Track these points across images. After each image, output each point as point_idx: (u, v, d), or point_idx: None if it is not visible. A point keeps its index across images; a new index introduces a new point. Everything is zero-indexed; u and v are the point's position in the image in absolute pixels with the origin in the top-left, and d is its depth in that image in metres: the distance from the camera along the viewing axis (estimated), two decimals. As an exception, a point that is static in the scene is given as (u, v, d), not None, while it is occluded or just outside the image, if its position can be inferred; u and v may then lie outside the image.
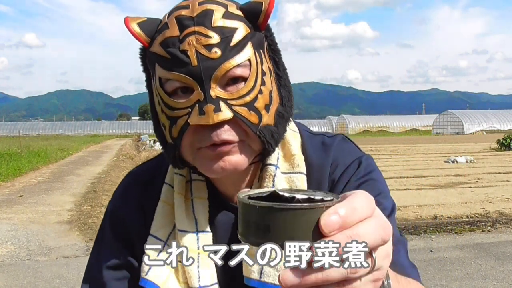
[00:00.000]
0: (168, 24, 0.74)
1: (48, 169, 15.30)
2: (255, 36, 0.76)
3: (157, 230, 0.84)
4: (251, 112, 0.74)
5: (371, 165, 0.87)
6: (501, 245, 5.51)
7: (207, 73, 0.71)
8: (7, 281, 4.59)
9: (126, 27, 0.75)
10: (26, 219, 7.33)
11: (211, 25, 0.71)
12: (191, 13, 0.73)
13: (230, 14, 0.74)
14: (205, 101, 0.71)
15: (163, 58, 0.73)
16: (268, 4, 0.74)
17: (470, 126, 55.51)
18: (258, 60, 0.75)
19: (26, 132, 60.82)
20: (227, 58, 0.71)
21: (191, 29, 0.72)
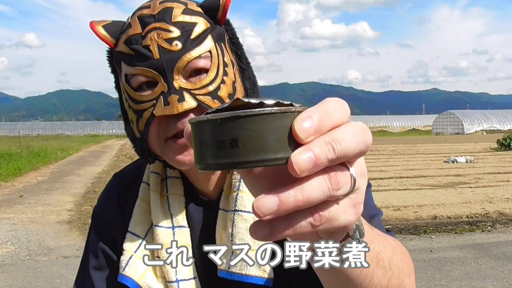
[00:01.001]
0: (131, 24, 0.78)
1: (48, 169, 15.30)
2: (215, 29, 0.79)
3: (135, 227, 0.85)
4: (215, 100, 0.76)
5: None
6: (501, 245, 5.51)
7: (169, 65, 0.74)
8: (7, 281, 4.59)
9: (92, 30, 0.79)
10: (26, 219, 7.33)
11: (171, 21, 0.75)
12: (152, 11, 0.76)
13: (189, 11, 0.78)
14: (169, 92, 0.74)
15: (127, 55, 0.77)
16: (225, 1, 0.78)
17: (470, 126, 55.50)
18: (219, 52, 0.78)
19: (26, 132, 60.79)
20: (188, 50, 0.75)
21: (152, 26, 0.75)
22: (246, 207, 0.80)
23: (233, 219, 0.80)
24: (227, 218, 0.82)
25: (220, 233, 0.82)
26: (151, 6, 0.78)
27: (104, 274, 0.89)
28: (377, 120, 72.98)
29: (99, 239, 0.91)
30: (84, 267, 0.92)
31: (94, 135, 58.89)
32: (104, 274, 0.89)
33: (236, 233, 0.79)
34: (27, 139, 33.27)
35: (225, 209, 0.83)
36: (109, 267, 0.89)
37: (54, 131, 66.05)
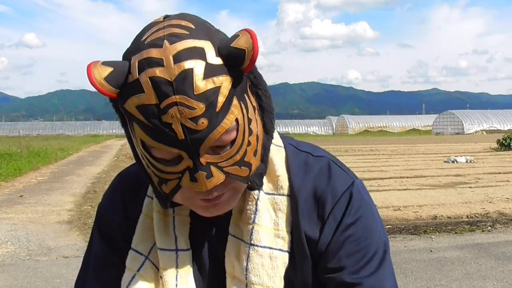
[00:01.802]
0: (142, 86, 0.66)
1: (48, 169, 15.30)
2: (238, 84, 0.70)
3: (138, 244, 0.83)
4: (242, 167, 0.73)
5: (362, 197, 0.83)
6: (501, 245, 5.51)
7: (196, 144, 0.67)
8: (7, 281, 4.59)
9: (90, 81, 0.67)
10: (26, 219, 7.33)
11: (194, 93, 0.65)
12: (167, 75, 0.65)
13: (210, 69, 0.66)
14: (196, 169, 0.69)
15: (143, 124, 0.67)
16: (252, 50, 0.67)
17: (470, 126, 55.50)
18: (244, 112, 0.71)
19: (26, 132, 60.79)
20: (215, 126, 0.67)
21: (172, 99, 0.65)
22: (262, 241, 0.79)
23: (248, 253, 0.79)
24: (240, 248, 0.80)
25: (231, 262, 0.80)
26: (164, 63, 0.65)
27: (105, 275, 0.88)
28: (377, 120, 72.96)
29: (101, 240, 0.89)
30: (85, 268, 0.91)
31: (94, 135, 58.90)
32: (105, 276, 0.88)
33: (251, 268, 0.78)
34: (27, 139, 33.27)
35: (237, 236, 0.81)
36: (110, 269, 0.88)
37: (54, 131, 66.07)
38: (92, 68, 0.67)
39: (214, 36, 0.70)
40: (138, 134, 0.69)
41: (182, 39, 0.67)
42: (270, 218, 0.80)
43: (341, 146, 27.32)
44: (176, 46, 0.66)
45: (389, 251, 0.84)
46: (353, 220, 0.81)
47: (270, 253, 0.79)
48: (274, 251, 0.79)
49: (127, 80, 0.67)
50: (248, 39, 0.67)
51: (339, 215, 0.81)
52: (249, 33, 0.68)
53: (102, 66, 0.67)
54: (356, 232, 0.80)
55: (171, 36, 0.67)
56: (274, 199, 0.81)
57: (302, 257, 0.81)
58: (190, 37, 0.67)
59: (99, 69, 0.67)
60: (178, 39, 0.67)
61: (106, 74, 0.67)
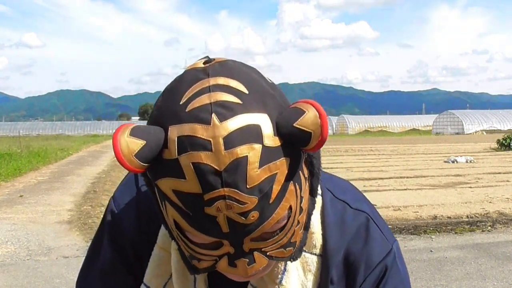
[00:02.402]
0: (183, 170, 0.55)
1: (48, 169, 15.30)
2: (296, 166, 0.60)
3: (150, 280, 0.77)
4: (287, 249, 0.64)
5: (397, 269, 0.79)
6: (501, 245, 5.51)
7: (241, 236, 0.59)
8: (7, 281, 4.59)
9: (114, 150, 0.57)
10: (26, 219, 7.33)
11: (247, 187, 0.55)
12: (216, 162, 0.54)
13: (267, 154, 0.56)
14: (237, 256, 0.61)
15: (180, 209, 0.58)
16: (321, 134, 0.57)
17: (470, 126, 55.50)
18: (298, 194, 0.62)
19: (26, 132, 60.78)
20: (266, 218, 0.58)
21: (219, 192, 0.55)
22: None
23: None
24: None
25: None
26: (212, 147, 0.55)
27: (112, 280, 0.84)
28: (377, 120, 72.97)
29: (111, 246, 0.83)
30: (91, 268, 0.86)
31: (94, 135, 58.86)
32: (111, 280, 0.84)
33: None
34: (27, 139, 33.26)
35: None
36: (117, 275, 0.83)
37: (54, 131, 66.05)
38: (119, 139, 0.57)
39: (271, 104, 0.59)
40: (172, 215, 0.60)
41: (234, 113, 0.56)
42: (298, 278, 0.75)
43: (341, 146, 27.31)
44: (227, 125, 0.55)
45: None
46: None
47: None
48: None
49: (163, 155, 0.57)
50: (316, 119, 0.57)
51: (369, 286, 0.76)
52: (316, 108, 0.58)
53: (132, 138, 0.57)
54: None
55: (220, 107, 0.56)
56: (305, 257, 0.75)
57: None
58: (244, 110, 0.56)
59: (129, 142, 0.57)
60: (229, 113, 0.56)
61: (137, 150, 0.56)
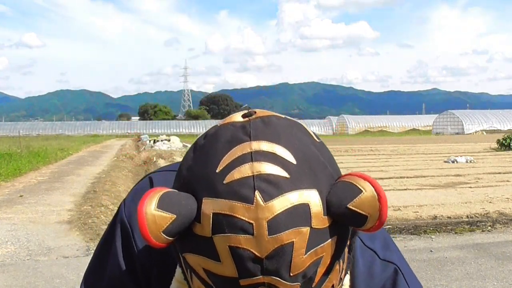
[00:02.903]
0: (217, 253, 0.49)
1: (48, 169, 15.30)
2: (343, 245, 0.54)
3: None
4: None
5: None
6: (501, 245, 5.51)
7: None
8: (7, 281, 4.58)
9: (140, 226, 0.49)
10: (26, 219, 7.32)
11: (290, 275, 0.49)
12: (257, 249, 0.48)
13: (315, 237, 0.49)
14: None
15: (210, 286, 0.52)
16: (379, 218, 0.50)
17: (470, 126, 55.52)
18: (341, 269, 0.56)
19: (26, 132, 60.83)
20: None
21: (258, 280, 0.49)
22: None
23: None
24: None
25: None
26: (254, 230, 0.48)
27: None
28: (377, 120, 72.99)
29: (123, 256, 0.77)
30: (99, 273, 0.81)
31: (94, 135, 58.88)
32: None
33: None
34: (27, 139, 33.25)
35: None
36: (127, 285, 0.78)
37: (54, 131, 66.10)
38: (146, 213, 0.49)
39: (322, 177, 0.52)
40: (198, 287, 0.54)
41: (280, 191, 0.49)
42: None
43: (341, 146, 27.31)
44: (272, 206, 0.48)
45: None
46: None
47: None
48: None
49: (193, 228, 0.51)
50: (374, 202, 0.49)
51: None
52: (374, 188, 0.50)
53: (161, 212, 0.49)
54: None
55: (265, 182, 0.49)
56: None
57: None
58: (292, 187, 0.49)
59: (157, 217, 0.49)
60: (275, 190, 0.49)
61: (165, 226, 0.49)
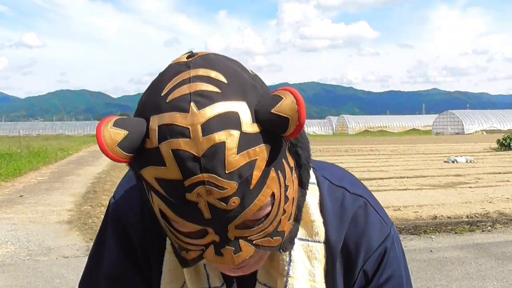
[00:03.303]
0: (163, 157, 0.57)
1: (48, 169, 15.30)
2: (277, 153, 0.61)
3: (166, 285, 0.77)
4: (274, 238, 0.65)
5: (396, 253, 0.80)
6: (501, 245, 5.51)
7: (224, 223, 0.59)
8: (7, 281, 4.59)
9: (98, 141, 0.58)
10: (26, 219, 7.33)
11: (225, 172, 0.56)
12: (194, 149, 0.55)
13: (245, 140, 0.57)
14: (222, 244, 0.61)
15: (164, 197, 0.59)
16: (298, 119, 0.57)
17: (470, 126, 55.51)
18: (281, 182, 0.62)
19: (26, 132, 60.82)
20: (248, 204, 0.58)
21: (198, 178, 0.56)
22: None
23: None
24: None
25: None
26: (190, 133, 0.56)
27: (117, 284, 0.81)
28: (377, 120, 72.99)
29: (117, 246, 0.81)
30: (94, 272, 0.84)
31: (94, 135, 58.82)
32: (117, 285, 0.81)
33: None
34: (27, 139, 33.26)
35: (267, 284, 0.76)
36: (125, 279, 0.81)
37: (54, 131, 66.11)
38: (103, 131, 0.58)
39: (251, 93, 0.60)
40: (157, 204, 0.61)
41: (212, 101, 0.57)
42: (305, 268, 0.75)
43: (341, 146, 27.31)
44: (205, 113, 0.56)
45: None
46: (383, 281, 0.78)
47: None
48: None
49: (145, 145, 0.59)
50: (293, 105, 0.58)
51: (370, 273, 0.78)
52: (293, 95, 0.58)
53: (114, 129, 0.58)
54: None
55: (199, 95, 0.57)
56: (309, 246, 0.76)
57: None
58: (222, 98, 0.57)
59: (112, 133, 0.58)
60: (207, 101, 0.57)
61: (119, 139, 0.58)
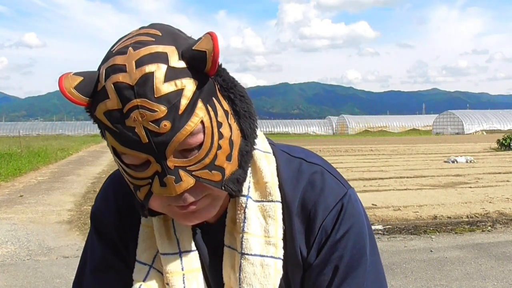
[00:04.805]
0: (107, 92, 0.66)
1: (48, 169, 15.31)
2: (203, 87, 0.69)
3: (141, 255, 0.83)
4: (213, 171, 0.71)
5: (353, 210, 0.82)
6: (501, 245, 5.51)
7: (161, 148, 0.67)
8: (7, 281, 4.59)
9: (61, 91, 0.68)
10: (26, 219, 7.33)
11: (155, 96, 0.65)
12: (129, 79, 0.65)
13: (172, 72, 0.66)
14: (164, 173, 0.69)
15: (111, 130, 0.68)
16: (213, 51, 0.67)
17: (470, 126, 55.52)
18: (212, 115, 0.70)
19: (26, 132, 60.85)
20: (178, 128, 0.66)
21: (133, 103, 0.65)
22: (252, 250, 0.78)
23: (240, 263, 0.79)
24: (234, 259, 0.80)
25: (228, 272, 0.81)
26: (127, 69, 0.66)
27: (104, 277, 0.88)
28: (377, 120, 72.98)
29: (99, 242, 0.90)
30: (83, 270, 0.91)
31: (94, 135, 58.83)
32: (104, 278, 0.88)
33: (243, 277, 0.78)
34: (27, 139, 33.26)
35: (231, 247, 0.81)
36: (109, 271, 0.88)
37: (54, 131, 66.13)
38: (63, 79, 0.68)
39: (181, 42, 0.70)
40: (109, 141, 0.70)
41: (146, 45, 0.67)
42: (261, 226, 0.80)
43: (341, 146, 27.32)
44: (139, 52, 0.66)
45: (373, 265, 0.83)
46: (342, 234, 0.80)
47: (262, 261, 0.78)
48: (265, 259, 0.78)
49: (97, 89, 0.68)
50: (209, 41, 0.67)
51: (329, 229, 0.81)
52: (210, 35, 0.67)
53: (72, 76, 0.68)
54: (344, 247, 0.81)
55: (136, 43, 0.68)
56: (264, 206, 0.80)
57: (295, 266, 0.81)
58: (155, 43, 0.68)
59: (70, 79, 0.68)
60: (142, 45, 0.67)
61: (76, 84, 0.68)
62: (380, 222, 6.62)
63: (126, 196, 0.87)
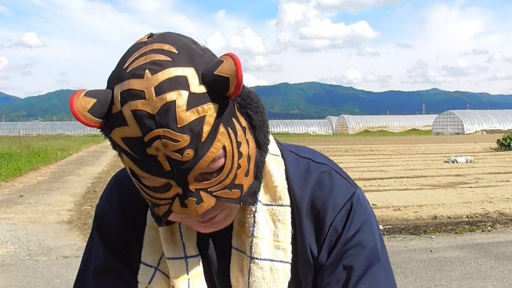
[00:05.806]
0: (125, 119, 0.65)
1: (48, 169, 15.31)
2: (224, 111, 0.68)
3: (146, 257, 0.83)
4: (233, 190, 0.72)
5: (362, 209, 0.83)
6: (501, 245, 5.51)
7: (183, 175, 0.67)
8: (7, 281, 4.59)
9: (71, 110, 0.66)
10: (26, 219, 7.33)
11: (177, 126, 0.63)
12: (149, 108, 0.63)
13: (194, 99, 0.64)
14: (185, 195, 0.69)
15: (130, 155, 0.67)
16: (236, 77, 0.65)
17: (470, 126, 55.51)
18: (232, 137, 0.70)
19: (26, 132, 60.86)
20: (202, 156, 0.66)
21: (155, 133, 0.64)
22: (262, 254, 0.79)
23: (249, 267, 0.79)
24: (243, 262, 0.81)
25: (236, 275, 0.81)
26: (146, 96, 0.63)
27: (105, 278, 0.88)
28: (377, 120, 72.98)
29: (102, 243, 0.89)
30: (85, 270, 0.91)
31: (94, 135, 58.82)
32: (105, 278, 0.88)
33: (252, 281, 0.79)
34: (27, 139, 33.26)
35: (240, 249, 0.82)
36: (111, 272, 0.88)
37: (54, 131, 66.13)
38: (75, 101, 0.66)
39: (198, 61, 0.68)
40: (126, 163, 0.70)
41: (163, 67, 0.65)
42: (270, 230, 0.80)
43: (341, 146, 27.32)
44: (157, 77, 0.64)
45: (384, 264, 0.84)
46: (353, 233, 0.81)
47: (271, 266, 0.79)
48: (275, 263, 0.79)
49: (111, 111, 0.67)
50: (231, 66, 0.65)
51: (339, 228, 0.81)
52: (232, 58, 0.66)
53: (85, 98, 0.66)
54: (356, 246, 0.81)
55: (153, 64, 0.65)
56: (273, 210, 0.81)
57: (306, 266, 0.82)
58: (172, 65, 0.65)
59: (82, 101, 0.66)
60: (159, 68, 0.65)
61: (89, 106, 0.66)
62: (380, 222, 6.62)
63: (131, 198, 0.87)
